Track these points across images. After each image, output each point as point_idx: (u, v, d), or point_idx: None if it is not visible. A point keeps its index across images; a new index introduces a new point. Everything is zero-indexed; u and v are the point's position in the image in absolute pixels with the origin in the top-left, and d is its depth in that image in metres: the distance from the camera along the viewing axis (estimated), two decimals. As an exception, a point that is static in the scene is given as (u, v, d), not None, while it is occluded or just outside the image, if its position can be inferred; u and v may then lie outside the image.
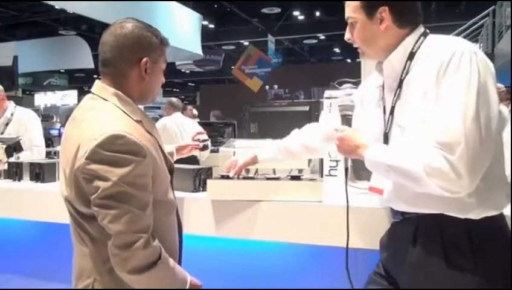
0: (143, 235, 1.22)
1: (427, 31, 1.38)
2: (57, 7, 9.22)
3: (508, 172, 1.99)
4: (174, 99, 5.80)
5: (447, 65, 1.20)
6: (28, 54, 12.13)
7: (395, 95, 1.35)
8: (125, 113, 1.33)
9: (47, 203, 2.14)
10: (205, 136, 2.08)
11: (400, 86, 1.34)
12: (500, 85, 5.28)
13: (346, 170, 1.49)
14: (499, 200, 1.28)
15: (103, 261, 1.28)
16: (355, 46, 1.44)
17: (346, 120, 1.46)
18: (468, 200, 1.22)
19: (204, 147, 2.03)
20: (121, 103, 1.34)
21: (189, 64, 14.79)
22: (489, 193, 1.25)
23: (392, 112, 1.36)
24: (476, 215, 1.23)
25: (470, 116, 1.16)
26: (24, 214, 2.24)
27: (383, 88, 1.42)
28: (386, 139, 1.37)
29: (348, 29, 1.43)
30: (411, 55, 1.33)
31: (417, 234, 1.30)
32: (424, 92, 1.24)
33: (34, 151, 3.28)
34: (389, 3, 1.33)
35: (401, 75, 1.34)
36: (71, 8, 7.95)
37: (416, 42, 1.34)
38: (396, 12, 1.33)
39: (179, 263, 1.44)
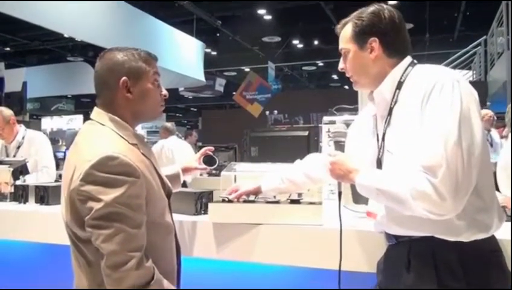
0: (136, 255, 1.21)
1: (415, 61, 1.43)
2: (65, 35, 9.56)
3: (507, 193, 1.97)
4: (168, 124, 6.37)
5: (430, 93, 1.25)
6: (37, 80, 12.33)
7: (385, 123, 1.40)
8: (121, 136, 1.35)
9: (51, 226, 2.12)
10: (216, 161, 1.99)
11: (389, 113, 1.39)
12: (488, 111, 5.33)
13: (340, 194, 1.52)
14: (489, 223, 1.28)
15: (98, 283, 1.28)
16: (347, 76, 1.50)
17: (339, 146, 1.52)
18: (457, 222, 1.24)
19: (212, 163, 1.97)
20: (117, 127, 1.37)
21: (185, 91, 14.84)
22: (478, 216, 1.26)
23: (383, 139, 1.40)
24: (465, 238, 1.25)
25: (451, 140, 1.19)
26: (29, 236, 2.24)
27: (376, 116, 1.47)
28: (379, 164, 1.41)
29: (341, 59, 1.49)
30: (399, 85, 1.38)
31: (410, 257, 1.32)
32: (410, 119, 1.29)
33: (44, 173, 3.29)
34: (379, 35, 1.39)
35: (391, 104, 1.39)
36: (79, 36, 8.27)
37: (404, 72, 1.39)
38: (386, 43, 1.40)
39: (178, 285, 1.45)
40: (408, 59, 1.42)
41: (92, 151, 1.26)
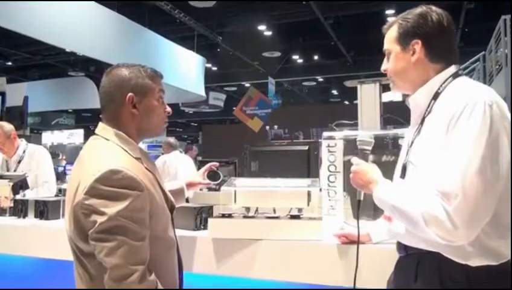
0: (139, 268, 1.21)
1: (460, 72, 1.37)
2: (67, 50, 9.64)
3: None
4: (171, 139, 6.40)
5: (459, 115, 1.21)
6: (38, 94, 12.38)
7: (416, 131, 1.37)
8: (125, 151, 1.36)
9: (50, 240, 2.13)
10: (220, 174, 2.04)
11: (421, 122, 1.36)
12: None
13: (359, 202, 1.50)
14: (502, 251, 1.23)
15: None
16: (387, 77, 1.46)
17: (363, 155, 1.50)
18: (468, 248, 1.21)
19: (216, 178, 2.01)
20: (121, 141, 1.38)
21: (183, 106, 14.82)
22: (492, 243, 1.23)
23: (411, 146, 1.37)
24: (473, 263, 1.22)
25: (471, 169, 1.16)
26: (28, 250, 2.24)
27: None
28: (403, 170, 1.39)
29: (384, 60, 1.45)
30: (436, 95, 1.33)
31: (418, 271, 1.31)
32: (436, 137, 1.26)
33: (44, 188, 3.30)
34: (423, 37, 1.35)
35: (424, 113, 1.35)
36: (81, 51, 8.33)
37: (443, 82, 1.34)
38: (429, 46, 1.35)
39: None
40: (452, 69, 1.36)
41: (95, 165, 1.28)
